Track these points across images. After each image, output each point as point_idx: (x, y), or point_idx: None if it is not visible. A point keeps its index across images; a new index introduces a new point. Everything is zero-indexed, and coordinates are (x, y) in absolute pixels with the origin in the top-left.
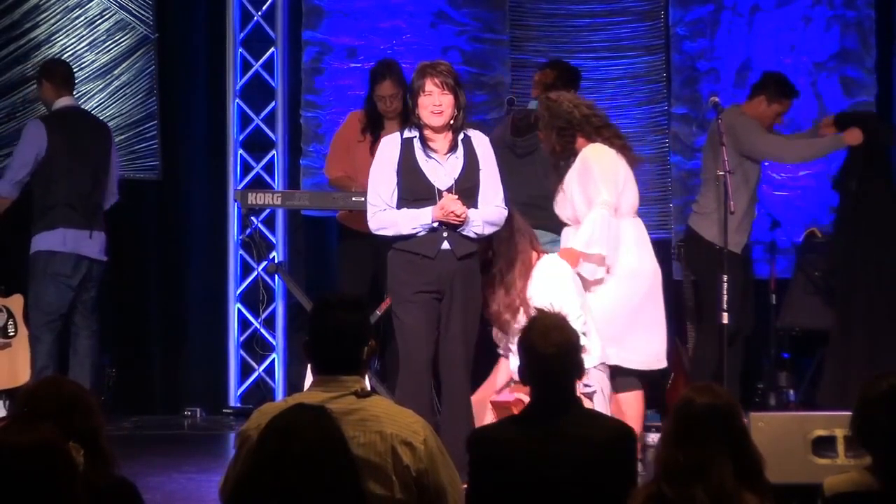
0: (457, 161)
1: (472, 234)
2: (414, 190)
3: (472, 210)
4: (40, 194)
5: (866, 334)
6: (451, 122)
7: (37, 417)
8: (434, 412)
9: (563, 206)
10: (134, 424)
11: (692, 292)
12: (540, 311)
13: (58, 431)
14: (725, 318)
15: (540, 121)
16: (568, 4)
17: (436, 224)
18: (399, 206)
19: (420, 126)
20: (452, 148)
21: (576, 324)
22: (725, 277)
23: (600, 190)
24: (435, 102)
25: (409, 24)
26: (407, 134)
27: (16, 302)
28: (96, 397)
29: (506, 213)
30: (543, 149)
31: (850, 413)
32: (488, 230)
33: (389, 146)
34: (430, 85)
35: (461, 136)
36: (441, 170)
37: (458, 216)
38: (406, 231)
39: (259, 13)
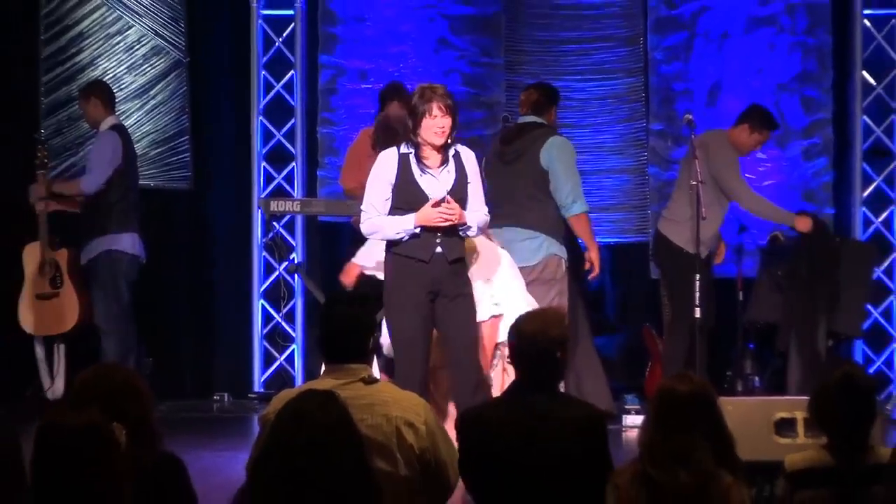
0: (449, 175)
1: (465, 235)
2: (410, 200)
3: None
4: (117, 199)
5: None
6: (449, 141)
7: (86, 401)
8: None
9: None
10: (168, 408)
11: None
12: (540, 309)
13: (102, 414)
14: (698, 313)
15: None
16: (557, 32)
17: (417, 229)
18: (393, 215)
19: (417, 143)
20: (444, 162)
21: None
22: (698, 277)
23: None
24: (439, 125)
25: (414, 50)
26: (403, 150)
27: (62, 255)
28: (147, 384)
29: (488, 218)
30: None
31: (808, 398)
32: (477, 233)
33: (387, 160)
34: (435, 109)
35: (452, 151)
36: (435, 182)
37: (448, 219)
38: (391, 235)
39: (280, 39)
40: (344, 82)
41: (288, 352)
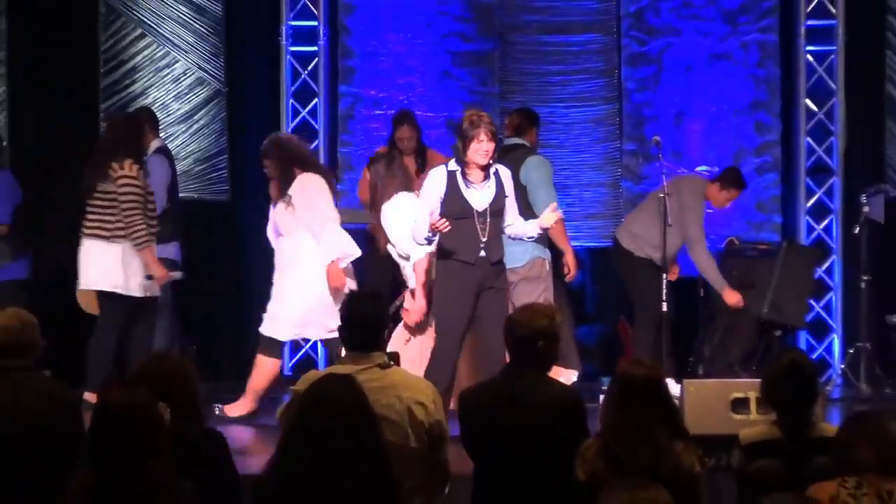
0: (490, 189)
1: (527, 240)
2: (457, 211)
3: (523, 224)
4: (167, 210)
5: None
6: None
7: (140, 383)
8: (453, 376)
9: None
10: (209, 388)
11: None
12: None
13: (151, 394)
14: (665, 307)
15: (267, 154)
16: (543, 65)
17: (430, 234)
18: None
19: (465, 162)
20: (486, 178)
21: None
22: (665, 276)
23: (320, 207)
24: (484, 148)
25: (421, 81)
26: (451, 167)
27: None
28: (194, 369)
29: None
30: (269, 174)
31: (759, 380)
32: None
33: (437, 177)
34: (483, 135)
35: (492, 169)
36: (479, 195)
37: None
38: (419, 239)
39: (305, 72)
40: (360, 109)
41: (312, 341)
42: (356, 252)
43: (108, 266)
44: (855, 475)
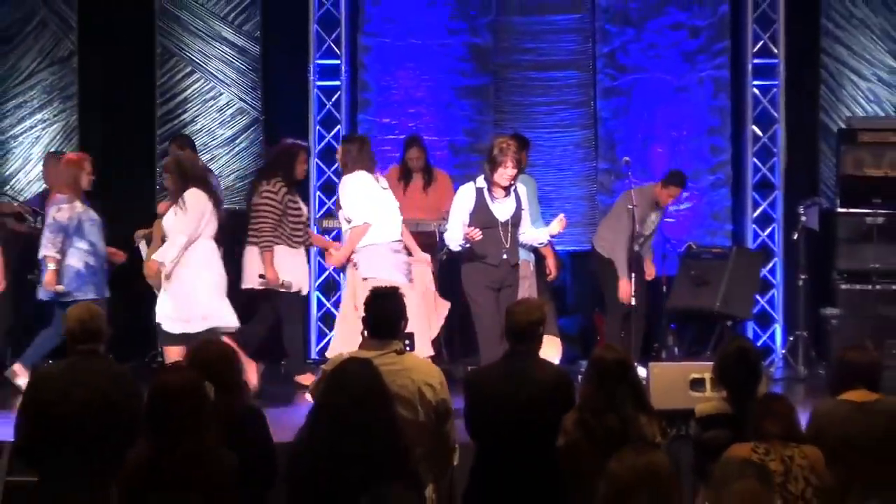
0: (511, 203)
1: (538, 245)
2: (484, 221)
3: (535, 231)
4: None
5: None
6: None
7: (189, 366)
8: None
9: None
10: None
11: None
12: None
13: (199, 375)
14: (633, 301)
15: (168, 170)
16: (530, 97)
17: (464, 242)
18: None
19: (492, 182)
20: (507, 194)
21: None
22: (634, 276)
23: (190, 222)
24: (509, 174)
25: (427, 111)
26: (479, 184)
27: None
28: (236, 354)
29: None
30: (166, 185)
31: (712, 363)
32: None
33: (466, 193)
34: (508, 162)
35: (512, 186)
36: (502, 208)
37: (474, 237)
38: (454, 245)
39: (329, 103)
40: (376, 134)
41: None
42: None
43: (257, 268)
44: (764, 443)
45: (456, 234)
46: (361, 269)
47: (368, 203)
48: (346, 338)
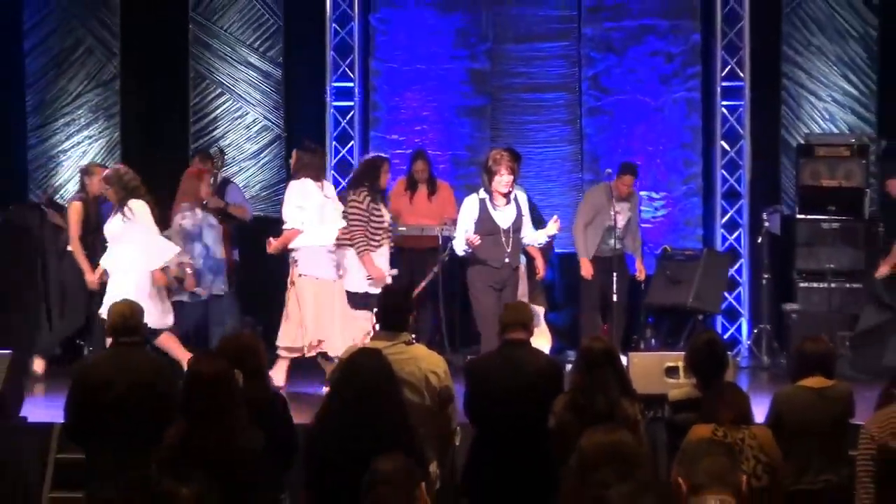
0: (511, 210)
1: (537, 246)
2: (488, 228)
3: (534, 234)
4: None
5: None
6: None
7: (219, 355)
8: None
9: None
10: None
11: None
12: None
13: (228, 363)
14: (615, 298)
15: (109, 182)
16: (523, 116)
17: (466, 247)
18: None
19: (490, 191)
20: (508, 202)
21: None
22: (616, 274)
23: (150, 228)
24: (505, 181)
25: (431, 128)
26: (481, 195)
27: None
28: (262, 344)
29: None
30: (108, 196)
31: (685, 353)
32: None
33: (471, 203)
34: (503, 170)
35: (512, 195)
36: (503, 216)
37: (474, 243)
38: (458, 251)
39: (345, 121)
40: (385, 148)
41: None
42: (172, 254)
43: (357, 271)
44: (721, 427)
45: (461, 241)
46: (299, 267)
47: (303, 211)
48: (287, 328)
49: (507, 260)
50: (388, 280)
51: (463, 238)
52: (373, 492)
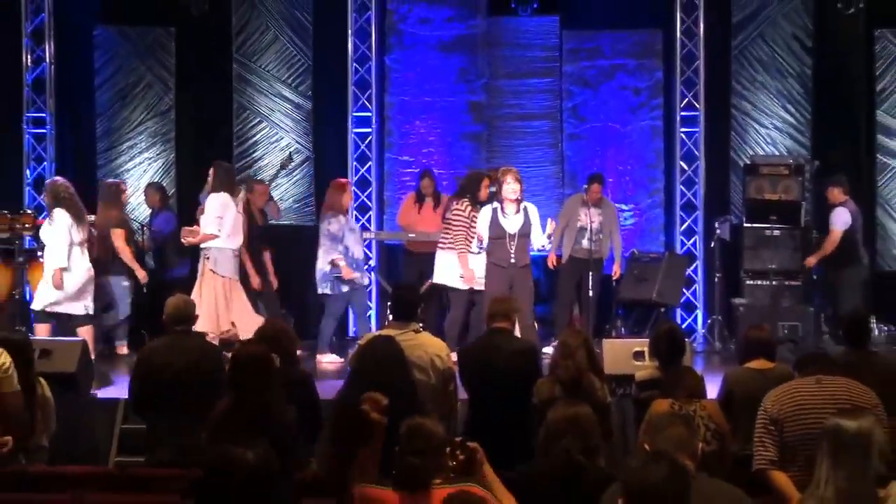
0: (519, 219)
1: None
2: (499, 234)
3: (539, 238)
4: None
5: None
6: (519, 198)
7: (260, 341)
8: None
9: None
10: (305, 346)
11: None
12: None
13: (267, 348)
14: (591, 294)
15: (46, 192)
16: (514, 140)
17: (480, 245)
18: (490, 241)
19: (501, 201)
20: (517, 212)
21: None
22: (591, 274)
23: (60, 234)
24: (512, 187)
25: (437, 150)
26: (493, 206)
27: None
28: (293, 332)
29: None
30: (46, 203)
31: (649, 340)
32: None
33: (485, 212)
34: (509, 178)
35: (522, 206)
36: (510, 222)
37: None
38: (474, 249)
39: (364, 144)
40: (397, 167)
41: (368, 313)
42: (62, 263)
43: (449, 269)
44: (678, 401)
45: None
46: (209, 263)
47: (220, 221)
48: (203, 317)
49: (512, 260)
50: (478, 280)
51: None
52: (406, 461)
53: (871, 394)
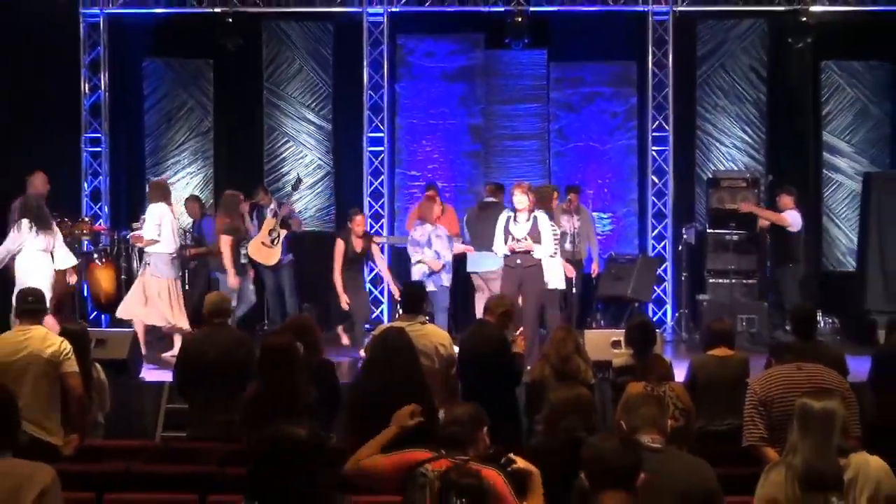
0: (528, 225)
1: (538, 257)
2: (509, 238)
3: (537, 245)
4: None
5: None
6: (531, 207)
7: (285, 331)
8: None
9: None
10: (326, 336)
11: None
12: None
13: (292, 337)
14: (574, 290)
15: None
16: (507, 158)
17: (509, 252)
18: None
19: (514, 209)
20: (528, 220)
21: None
22: (575, 274)
23: (13, 241)
24: (518, 199)
25: (440, 166)
26: (508, 213)
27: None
28: (315, 324)
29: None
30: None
31: (624, 331)
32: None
33: (502, 218)
34: (517, 193)
35: (534, 214)
36: (518, 228)
37: (521, 249)
38: (499, 253)
39: (377, 161)
40: (406, 181)
41: (379, 309)
42: None
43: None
44: (650, 384)
45: (499, 245)
46: (150, 267)
47: (159, 228)
48: (128, 308)
49: (518, 261)
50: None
51: (500, 243)
52: (447, 430)
53: (841, 378)
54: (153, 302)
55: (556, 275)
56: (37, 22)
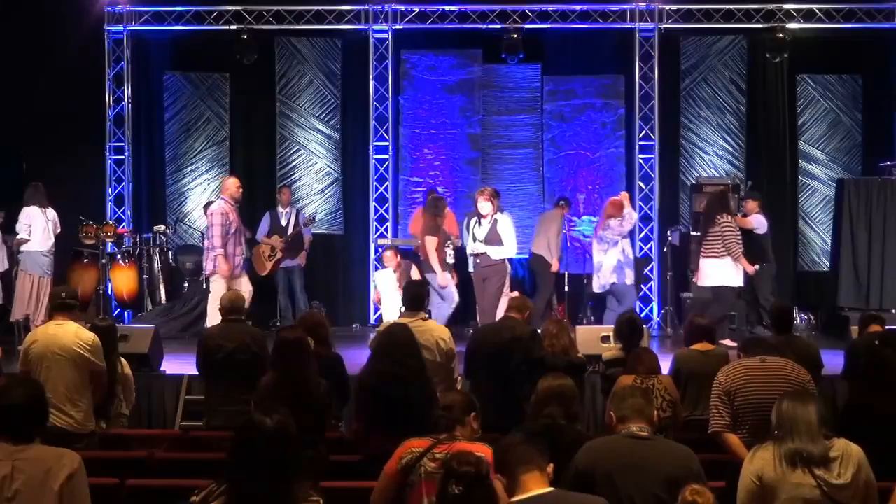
0: (487, 225)
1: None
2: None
3: (495, 247)
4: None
5: None
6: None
7: (298, 326)
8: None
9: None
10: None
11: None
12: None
13: (304, 332)
14: (566, 288)
15: None
16: (503, 165)
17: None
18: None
19: (480, 215)
20: (490, 222)
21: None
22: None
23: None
24: (481, 205)
25: (441, 173)
26: (473, 216)
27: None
28: (326, 320)
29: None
30: None
31: (614, 326)
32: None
33: (469, 222)
34: (480, 198)
35: (496, 217)
36: (480, 230)
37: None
38: (468, 251)
39: (383, 168)
40: (409, 187)
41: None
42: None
43: (729, 270)
44: (639, 376)
45: (468, 245)
46: (22, 265)
47: (29, 228)
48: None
49: (478, 261)
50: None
51: (470, 243)
52: (439, 413)
53: (804, 370)
54: (20, 296)
55: (728, 274)
56: (64, 40)
